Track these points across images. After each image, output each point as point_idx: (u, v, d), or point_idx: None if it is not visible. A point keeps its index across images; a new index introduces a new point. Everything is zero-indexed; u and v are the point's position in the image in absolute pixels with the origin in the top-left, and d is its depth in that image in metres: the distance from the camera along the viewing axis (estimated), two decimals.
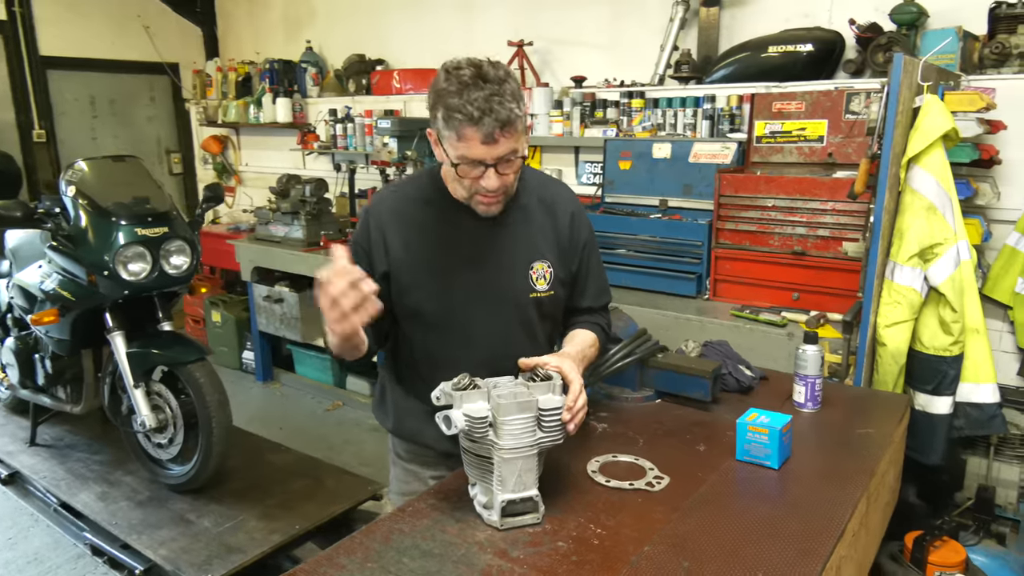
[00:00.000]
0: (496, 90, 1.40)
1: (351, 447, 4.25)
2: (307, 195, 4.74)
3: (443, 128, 1.45)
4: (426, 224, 1.61)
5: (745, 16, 3.93)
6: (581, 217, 1.73)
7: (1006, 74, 3.06)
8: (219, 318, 5.47)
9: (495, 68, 1.44)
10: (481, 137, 1.41)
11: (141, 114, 6.70)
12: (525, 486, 1.37)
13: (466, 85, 1.40)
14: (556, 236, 1.68)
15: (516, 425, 1.33)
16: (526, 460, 1.36)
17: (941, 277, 2.24)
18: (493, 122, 1.40)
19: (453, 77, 1.42)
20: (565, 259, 1.69)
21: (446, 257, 1.61)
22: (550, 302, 1.68)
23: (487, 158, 1.45)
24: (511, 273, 1.63)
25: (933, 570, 2.04)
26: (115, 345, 2.97)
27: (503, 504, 1.36)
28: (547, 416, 1.35)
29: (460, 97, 1.39)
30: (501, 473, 1.35)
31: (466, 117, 1.39)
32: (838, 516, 1.42)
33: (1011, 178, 3.05)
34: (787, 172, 3.28)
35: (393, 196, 1.67)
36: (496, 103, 1.39)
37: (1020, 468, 2.50)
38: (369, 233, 1.61)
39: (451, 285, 1.61)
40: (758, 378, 2.08)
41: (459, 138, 1.43)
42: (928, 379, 2.33)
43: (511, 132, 1.43)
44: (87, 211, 2.88)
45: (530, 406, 1.34)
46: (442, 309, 1.61)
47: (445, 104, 1.41)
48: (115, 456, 3.44)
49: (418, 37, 5.33)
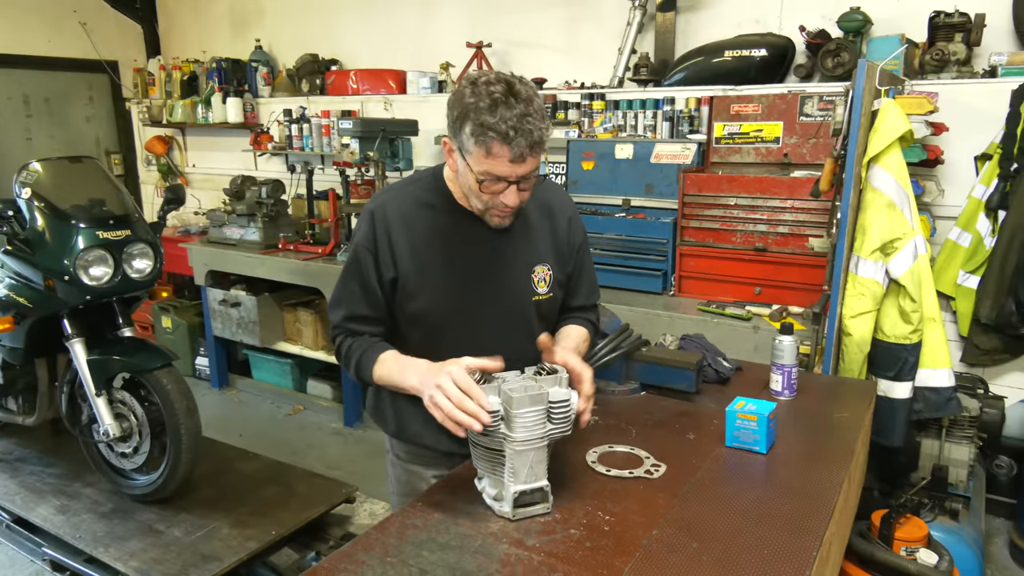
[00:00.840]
0: (526, 110, 1.40)
1: (315, 451, 4.20)
2: (263, 197, 4.65)
3: (470, 143, 1.43)
4: (432, 229, 1.61)
5: (700, 21, 4.07)
6: (577, 220, 1.77)
7: (945, 79, 3.26)
8: (170, 324, 5.31)
9: (524, 85, 1.44)
10: (511, 156, 1.41)
11: (79, 114, 6.45)
12: (536, 477, 1.40)
13: (498, 103, 1.39)
14: (555, 240, 1.71)
15: (529, 418, 1.36)
16: (537, 452, 1.39)
17: (901, 270, 2.38)
18: (524, 143, 1.40)
19: (483, 92, 1.40)
20: (563, 262, 1.73)
21: (452, 263, 1.61)
22: (548, 304, 1.72)
23: (511, 175, 1.45)
24: (514, 277, 1.66)
25: (899, 545, 2.16)
26: (74, 353, 2.86)
27: (516, 495, 1.38)
28: (556, 408, 1.39)
29: (493, 115, 1.39)
30: (514, 465, 1.38)
31: (499, 136, 1.39)
32: (827, 496, 1.50)
33: (953, 177, 3.25)
34: (746, 172, 3.41)
35: (398, 198, 1.64)
36: (527, 124, 1.40)
37: (970, 448, 2.67)
38: (375, 237, 1.60)
39: (457, 290, 1.62)
40: (734, 369, 2.17)
41: (488, 155, 1.42)
42: (889, 366, 2.47)
43: (538, 152, 1.45)
44: (44, 214, 2.77)
45: (541, 399, 1.37)
46: (447, 313, 1.62)
47: (476, 120, 1.40)
48: (71, 468, 3.32)
49: (373, 37, 5.30)
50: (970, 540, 2.51)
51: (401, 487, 1.83)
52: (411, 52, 5.06)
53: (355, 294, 1.64)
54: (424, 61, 4.91)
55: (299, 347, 4.73)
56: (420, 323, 1.64)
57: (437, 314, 1.62)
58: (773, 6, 3.84)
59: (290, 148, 5.21)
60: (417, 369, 1.50)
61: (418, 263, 1.60)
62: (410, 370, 1.52)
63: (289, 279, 4.46)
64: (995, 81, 3.14)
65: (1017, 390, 3.24)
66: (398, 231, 1.60)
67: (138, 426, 2.89)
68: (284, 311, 4.77)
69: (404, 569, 1.26)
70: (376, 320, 1.65)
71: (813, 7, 3.71)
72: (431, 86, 4.78)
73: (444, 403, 1.34)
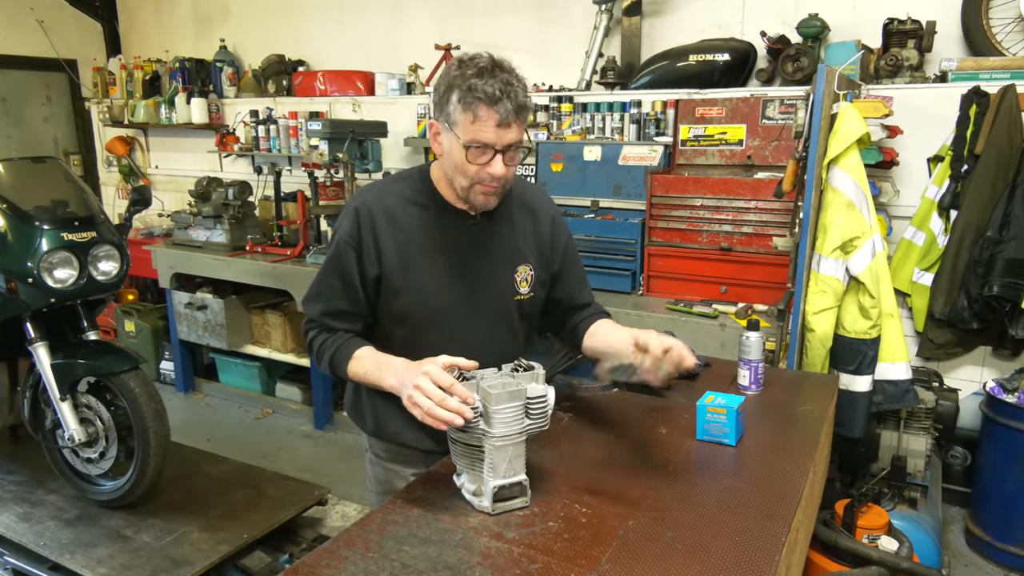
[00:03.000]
0: (511, 78, 1.47)
1: (285, 454, 4.16)
2: (230, 198, 4.60)
3: (457, 112, 1.47)
4: (417, 228, 1.62)
5: (664, 25, 4.15)
6: (560, 220, 1.81)
7: (899, 84, 3.38)
8: (133, 328, 5.21)
9: (507, 63, 1.51)
10: (498, 119, 1.46)
11: (36, 113, 6.30)
12: (515, 471, 1.43)
13: (484, 71, 1.45)
14: (537, 240, 1.74)
15: (507, 414, 1.39)
16: (516, 447, 1.42)
17: (860, 267, 2.47)
18: (510, 105, 1.45)
19: (470, 64, 1.47)
20: (545, 262, 1.76)
21: (436, 262, 1.63)
22: (530, 303, 1.74)
23: (498, 143, 1.48)
24: (498, 278, 1.68)
25: (862, 533, 2.25)
26: (38, 357, 2.80)
27: (495, 490, 1.41)
28: (534, 404, 1.42)
29: (480, 79, 1.44)
30: (492, 460, 1.40)
31: (487, 97, 1.44)
32: (794, 485, 1.55)
33: (907, 178, 3.38)
34: (711, 173, 3.49)
35: (384, 195, 1.64)
36: (512, 89, 1.46)
37: (926, 439, 2.78)
38: (360, 233, 1.60)
39: (441, 290, 1.63)
40: (703, 365, 2.23)
41: (475, 119, 1.46)
42: (850, 360, 2.56)
43: (523, 120, 1.50)
44: (6, 215, 2.71)
45: (519, 395, 1.40)
46: (430, 313, 1.63)
47: (463, 87, 1.45)
48: (32, 475, 3.24)
49: (340, 39, 5.28)
50: (928, 527, 2.61)
51: (380, 485, 1.84)
52: (380, 54, 5.06)
53: (335, 289, 1.63)
54: (393, 63, 4.92)
55: (267, 350, 4.69)
56: (403, 321, 1.65)
57: (420, 312, 1.63)
58: (735, 12, 3.94)
59: (257, 149, 5.16)
60: (394, 368, 1.51)
61: (403, 260, 1.61)
62: (387, 369, 1.53)
63: (257, 281, 4.42)
64: (946, 86, 3.26)
65: (970, 383, 3.37)
66: (383, 228, 1.60)
67: (104, 431, 2.84)
68: (252, 313, 4.72)
69: (386, 564, 1.27)
70: (354, 316, 1.66)
71: (773, 13, 3.81)
72: (400, 88, 4.79)
73: (424, 401, 1.35)
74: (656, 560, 1.27)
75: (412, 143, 4.56)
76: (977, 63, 3.22)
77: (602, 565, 1.26)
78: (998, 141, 2.99)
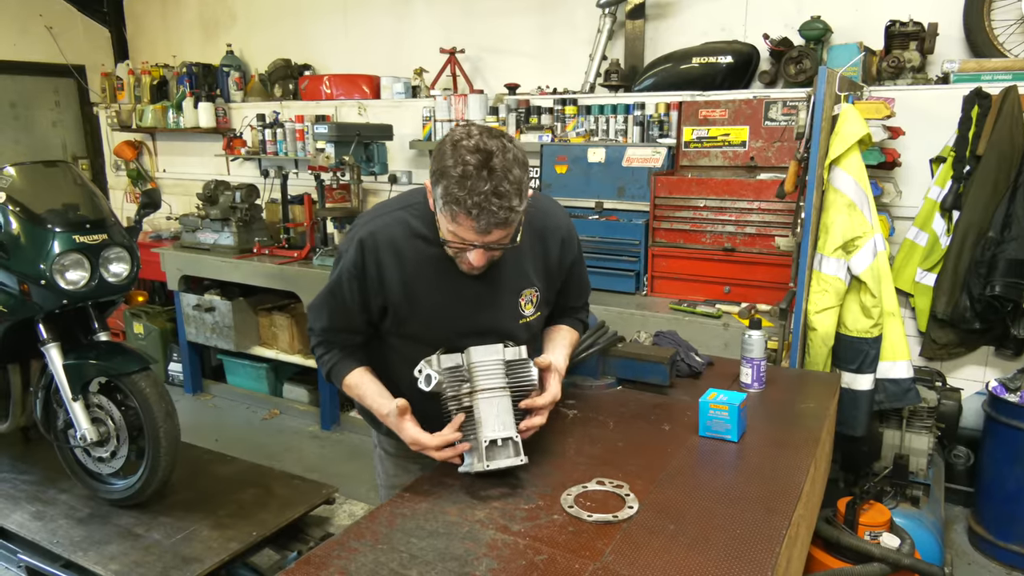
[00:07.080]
0: (498, 187, 1.38)
1: (292, 455, 4.20)
2: (237, 201, 4.64)
3: (440, 204, 1.44)
4: (422, 261, 1.60)
5: (668, 28, 4.18)
6: (571, 240, 1.76)
7: (901, 85, 3.40)
8: (141, 330, 5.26)
9: (504, 154, 1.40)
10: (476, 229, 1.42)
11: (45, 118, 6.36)
12: (505, 426, 1.49)
13: (469, 175, 1.37)
14: (545, 263, 1.72)
15: (487, 366, 1.50)
16: (501, 400, 1.50)
17: (862, 267, 2.49)
18: (490, 220, 1.40)
19: (459, 160, 1.39)
20: (551, 282, 1.75)
21: (441, 293, 1.62)
22: (536, 323, 1.76)
23: (477, 241, 1.46)
24: (502, 305, 1.68)
25: (863, 530, 2.27)
26: (50, 358, 2.84)
27: (486, 443, 1.48)
28: (515, 366, 1.54)
29: (461, 188, 1.38)
30: (481, 414, 1.49)
31: (464, 211, 1.39)
32: (795, 480, 1.58)
33: (909, 179, 3.39)
34: (714, 175, 3.51)
35: (389, 226, 1.61)
36: (495, 204, 1.38)
37: (929, 438, 2.79)
38: (364, 265, 1.60)
39: (446, 318, 1.64)
40: (706, 363, 2.26)
41: (453, 221, 1.43)
42: (852, 359, 2.58)
43: (507, 227, 1.45)
44: (19, 218, 2.76)
45: (496, 351, 1.52)
46: (436, 337, 1.63)
47: (447, 188, 1.40)
48: (44, 474, 3.28)
49: (346, 43, 5.33)
50: (930, 525, 2.63)
51: (388, 479, 1.88)
52: (385, 58, 5.10)
53: (335, 311, 1.67)
54: (398, 66, 4.96)
55: (275, 351, 4.73)
56: (409, 339, 1.68)
57: (427, 336, 1.64)
58: (738, 14, 3.97)
59: (264, 153, 5.21)
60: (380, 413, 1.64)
61: (408, 293, 1.61)
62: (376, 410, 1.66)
63: (265, 283, 4.46)
64: (948, 87, 3.28)
65: (972, 382, 3.39)
66: (388, 262, 1.59)
67: (115, 430, 2.88)
68: (259, 315, 4.77)
69: (394, 555, 1.31)
70: (356, 332, 1.71)
71: (776, 16, 3.84)
72: (405, 91, 4.82)
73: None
74: (659, 552, 1.30)
75: (417, 146, 4.60)
76: (979, 65, 3.24)
77: (606, 556, 1.29)
78: (999, 142, 3.01)
